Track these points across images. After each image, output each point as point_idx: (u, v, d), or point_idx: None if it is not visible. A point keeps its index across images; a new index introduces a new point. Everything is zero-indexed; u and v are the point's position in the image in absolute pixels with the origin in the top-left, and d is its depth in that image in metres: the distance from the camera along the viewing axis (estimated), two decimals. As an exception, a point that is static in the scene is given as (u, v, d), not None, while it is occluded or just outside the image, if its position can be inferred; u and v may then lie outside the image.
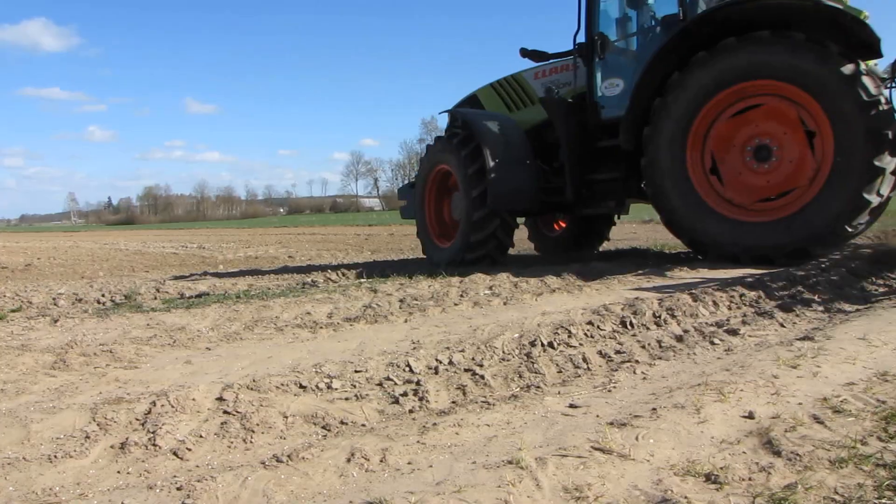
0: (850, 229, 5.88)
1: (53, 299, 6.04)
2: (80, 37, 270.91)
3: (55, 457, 2.15)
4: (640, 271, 6.22)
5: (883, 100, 5.73)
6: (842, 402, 2.39)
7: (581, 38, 7.51)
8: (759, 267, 5.89)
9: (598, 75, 7.45)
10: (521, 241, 10.13)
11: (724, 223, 6.36)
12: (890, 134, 5.65)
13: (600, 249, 9.71)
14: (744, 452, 2.01)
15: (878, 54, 6.05)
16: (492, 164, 7.24)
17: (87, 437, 2.30)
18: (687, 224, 6.63)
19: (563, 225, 9.92)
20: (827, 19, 5.91)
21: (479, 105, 8.73)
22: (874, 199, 5.76)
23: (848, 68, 5.71)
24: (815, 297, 4.59)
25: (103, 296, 6.23)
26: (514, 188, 7.36)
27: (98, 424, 2.39)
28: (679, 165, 6.53)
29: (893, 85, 6.06)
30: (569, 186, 7.40)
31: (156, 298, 6.09)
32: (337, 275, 7.40)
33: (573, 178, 7.38)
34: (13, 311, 5.43)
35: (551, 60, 8.24)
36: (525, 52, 8.20)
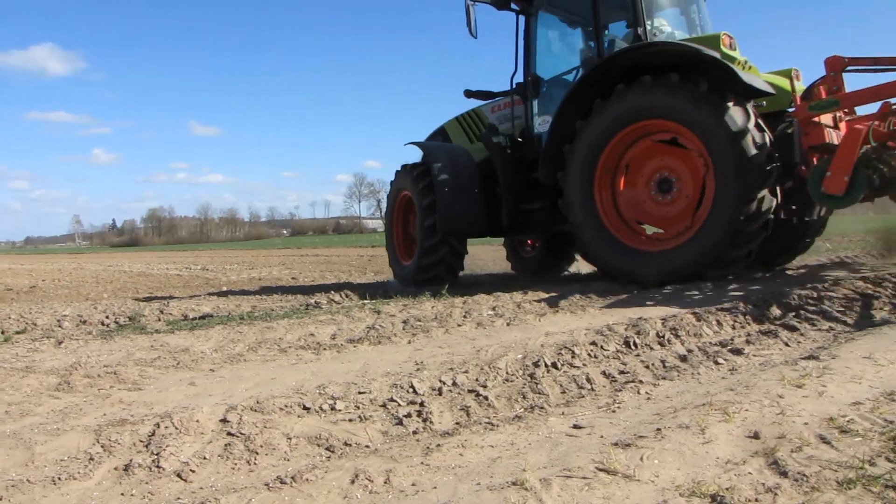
0: (734, 254, 6.23)
1: (58, 321, 6.04)
2: (86, 61, 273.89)
3: (59, 479, 2.15)
4: (643, 291, 6.22)
5: (752, 130, 5.99)
6: (848, 422, 2.37)
7: (519, 79, 8.17)
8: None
9: (535, 113, 8.03)
10: (501, 259, 10.69)
11: (630, 252, 6.80)
12: (761, 163, 5.96)
13: (584, 270, 9.80)
14: (750, 473, 2.00)
15: (761, 94, 6.36)
16: (442, 192, 7.95)
17: (91, 458, 2.30)
18: (596, 253, 7.11)
19: (539, 245, 10.26)
20: (703, 63, 6.37)
21: (447, 137, 9.35)
22: (751, 227, 6.09)
23: (716, 104, 6.11)
24: (820, 317, 4.58)
25: (107, 317, 6.23)
26: (462, 214, 8.06)
27: (102, 446, 2.38)
28: (588, 201, 7.01)
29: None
30: (504, 214, 8.02)
31: (159, 320, 6.09)
32: (340, 296, 7.41)
33: (508, 207, 7.99)
34: (18, 332, 5.43)
35: (503, 97, 8.71)
36: (469, 93, 8.91)
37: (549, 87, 8.01)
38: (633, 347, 3.91)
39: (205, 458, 2.33)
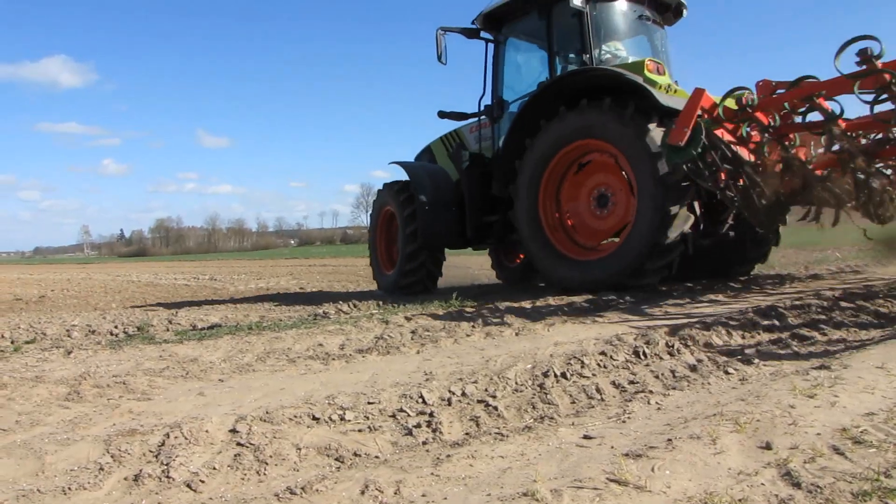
0: (651, 267, 6.61)
1: (67, 331, 6.06)
2: (98, 73, 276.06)
3: (69, 489, 2.15)
4: (652, 301, 6.20)
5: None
6: (862, 432, 2.35)
7: (487, 101, 8.78)
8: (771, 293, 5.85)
9: (500, 133, 8.54)
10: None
11: (570, 263, 7.30)
12: (676, 182, 6.25)
13: None
14: (762, 484, 1.98)
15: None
16: (422, 209, 8.68)
17: (101, 468, 2.30)
18: (542, 265, 7.61)
19: (522, 257, 10.46)
20: (629, 87, 6.83)
21: (433, 155, 9.98)
22: (667, 241, 6.42)
23: (639, 125, 6.54)
24: (830, 326, 4.55)
25: (116, 327, 6.25)
26: (438, 229, 8.76)
27: (112, 456, 2.39)
28: (533, 214, 7.53)
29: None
30: (468, 227, 8.65)
31: (168, 330, 6.11)
32: (348, 306, 7.41)
33: (472, 220, 8.62)
34: (28, 342, 5.45)
35: (477, 118, 9.20)
36: (443, 114, 9.44)
37: (512, 109, 8.54)
38: (642, 357, 3.89)
39: (214, 469, 2.33)
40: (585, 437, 2.56)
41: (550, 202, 7.56)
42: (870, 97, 5.06)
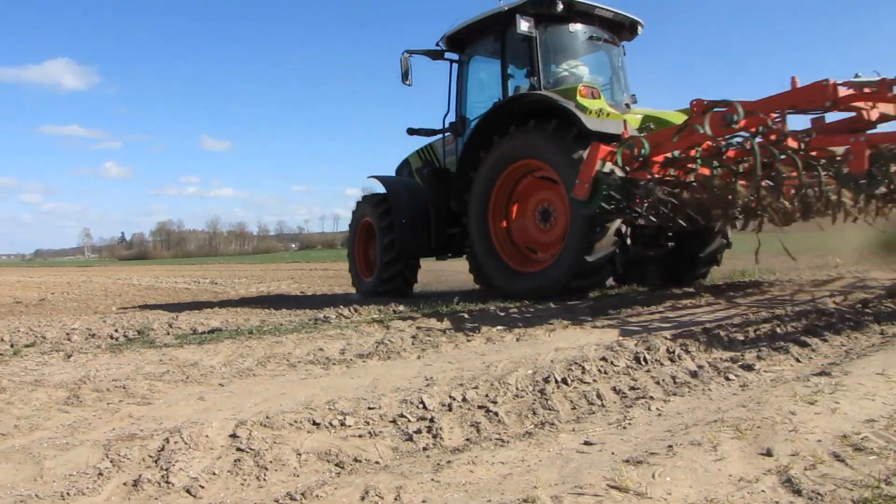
0: (578, 284, 7.10)
1: (67, 334, 6.05)
2: (101, 76, 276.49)
3: (68, 494, 2.15)
4: (653, 305, 6.20)
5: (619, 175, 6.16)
6: (862, 439, 2.35)
7: (452, 118, 9.28)
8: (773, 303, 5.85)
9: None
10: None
11: (514, 273, 7.77)
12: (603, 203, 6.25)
13: None
14: (763, 491, 1.98)
15: (607, 137, 6.64)
16: (398, 220, 9.22)
17: (100, 473, 2.30)
18: (490, 274, 8.13)
19: None
20: (561, 111, 7.20)
21: (411, 168, 10.45)
22: (591, 260, 6.85)
23: (569, 148, 6.88)
24: (831, 332, 4.55)
25: (116, 331, 6.24)
26: (412, 239, 9.25)
27: (111, 461, 2.38)
28: (483, 226, 8.04)
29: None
30: (434, 237, 9.20)
31: (168, 334, 6.10)
32: (349, 310, 7.40)
33: (437, 232, 9.16)
34: (27, 346, 5.45)
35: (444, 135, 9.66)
36: (411, 131, 9.96)
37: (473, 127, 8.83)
38: (643, 363, 3.89)
39: (214, 474, 2.32)
40: (586, 443, 2.56)
41: (500, 215, 8.06)
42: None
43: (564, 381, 3.49)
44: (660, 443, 2.46)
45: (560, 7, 7.94)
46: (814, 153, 5.51)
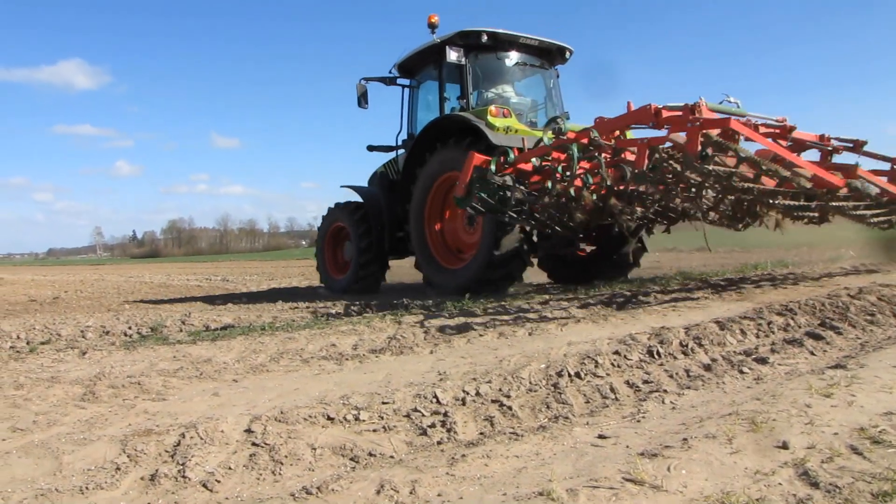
0: (490, 277, 8.04)
1: (81, 332, 6.10)
2: (112, 75, 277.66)
3: (87, 488, 2.17)
4: (665, 299, 6.18)
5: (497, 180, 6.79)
6: (880, 432, 2.33)
7: (404, 136, 10.41)
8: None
9: None
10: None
11: (444, 270, 8.86)
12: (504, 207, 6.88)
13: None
14: (780, 484, 1.97)
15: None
16: (374, 225, 10.30)
17: (118, 468, 2.31)
18: (426, 271, 9.16)
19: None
20: (473, 129, 8.18)
21: (384, 177, 11.04)
22: (498, 254, 7.79)
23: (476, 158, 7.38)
24: (845, 325, 4.52)
25: (130, 328, 6.28)
26: (384, 242, 10.27)
27: (128, 456, 2.40)
28: (420, 231, 9.08)
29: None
30: (386, 240, 10.21)
31: (181, 331, 6.13)
32: (360, 306, 7.43)
33: (388, 235, 10.17)
34: (43, 343, 5.49)
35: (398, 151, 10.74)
36: (371, 147, 11.06)
37: None
38: (656, 357, 3.88)
39: (230, 469, 2.34)
40: (600, 436, 2.56)
41: (434, 220, 9.09)
42: None
43: (578, 374, 3.49)
44: (674, 436, 2.45)
45: (485, 38, 9.07)
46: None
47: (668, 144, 5.69)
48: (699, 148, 5.19)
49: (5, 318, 7.86)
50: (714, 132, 5.35)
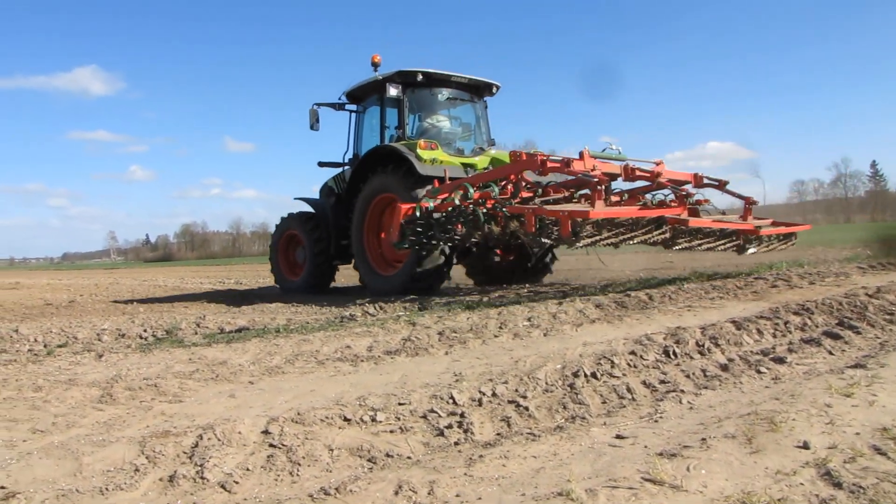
0: (414, 285, 9.26)
1: (97, 335, 6.14)
2: (126, 81, 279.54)
3: (107, 489, 2.18)
4: (680, 299, 6.14)
5: (422, 203, 8.16)
6: (903, 432, 2.31)
7: (350, 155, 11.70)
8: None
9: None
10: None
11: (378, 276, 10.15)
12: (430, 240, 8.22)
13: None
14: (801, 484, 1.95)
15: (432, 179, 8.94)
16: (325, 233, 11.60)
17: (137, 469, 2.32)
18: (365, 277, 10.54)
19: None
20: (403, 158, 9.50)
21: (333, 189, 12.15)
22: (420, 271, 9.12)
23: (409, 185, 9.10)
24: (864, 324, 4.48)
25: (145, 331, 6.32)
26: (335, 249, 11.51)
27: (147, 457, 2.41)
28: (360, 242, 10.34)
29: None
30: (332, 247, 11.45)
31: (196, 333, 6.16)
32: (374, 308, 7.43)
33: (334, 243, 11.40)
34: (59, 346, 5.53)
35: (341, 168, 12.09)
36: (322, 164, 12.22)
37: None
38: (672, 357, 3.86)
39: (248, 470, 2.34)
40: (618, 436, 2.55)
41: (372, 233, 10.32)
42: None
43: (594, 375, 3.47)
44: (693, 436, 2.44)
45: (420, 77, 10.45)
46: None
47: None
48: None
49: (23, 322, 7.93)
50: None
